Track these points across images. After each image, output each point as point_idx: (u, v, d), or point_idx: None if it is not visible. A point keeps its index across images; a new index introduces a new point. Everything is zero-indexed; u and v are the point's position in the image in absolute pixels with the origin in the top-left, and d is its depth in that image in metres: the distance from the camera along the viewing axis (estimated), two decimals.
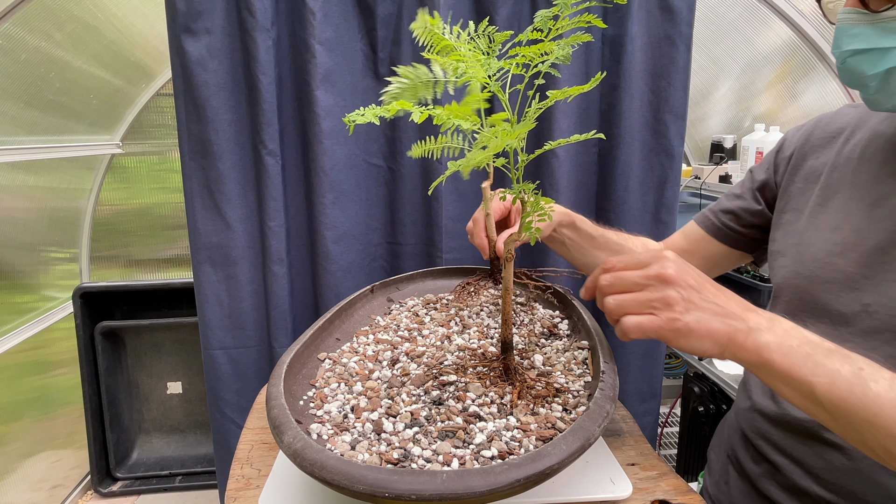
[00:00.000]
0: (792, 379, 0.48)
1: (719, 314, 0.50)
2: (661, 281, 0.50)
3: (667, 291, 0.49)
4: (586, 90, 0.64)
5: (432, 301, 1.04)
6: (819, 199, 0.68)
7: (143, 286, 2.05)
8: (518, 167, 0.68)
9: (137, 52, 2.04)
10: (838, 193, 0.66)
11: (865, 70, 0.56)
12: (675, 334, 0.49)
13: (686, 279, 0.50)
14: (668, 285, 0.50)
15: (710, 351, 0.50)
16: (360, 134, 1.28)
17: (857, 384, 0.46)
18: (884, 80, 0.56)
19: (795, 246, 0.69)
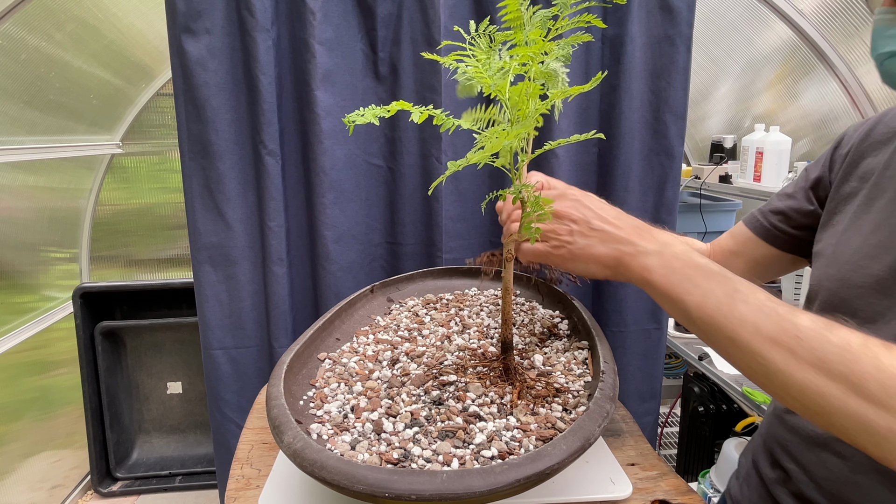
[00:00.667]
0: (669, 297, 0.53)
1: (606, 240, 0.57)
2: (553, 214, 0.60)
3: (555, 225, 0.59)
4: (586, 90, 0.64)
5: (432, 301, 1.04)
6: (865, 199, 0.65)
7: (143, 286, 2.05)
8: (518, 167, 0.68)
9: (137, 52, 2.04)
10: (885, 193, 0.62)
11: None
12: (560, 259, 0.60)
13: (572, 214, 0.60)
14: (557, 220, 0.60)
15: (598, 273, 0.59)
16: (360, 134, 1.28)
17: (725, 303, 0.49)
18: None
19: (833, 246, 0.67)
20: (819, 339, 0.44)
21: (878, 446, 0.43)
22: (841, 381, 0.43)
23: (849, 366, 0.43)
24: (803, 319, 0.46)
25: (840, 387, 0.43)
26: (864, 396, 0.42)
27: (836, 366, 0.43)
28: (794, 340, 0.45)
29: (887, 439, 0.41)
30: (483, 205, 0.80)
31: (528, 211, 0.67)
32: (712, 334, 0.50)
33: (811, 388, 0.44)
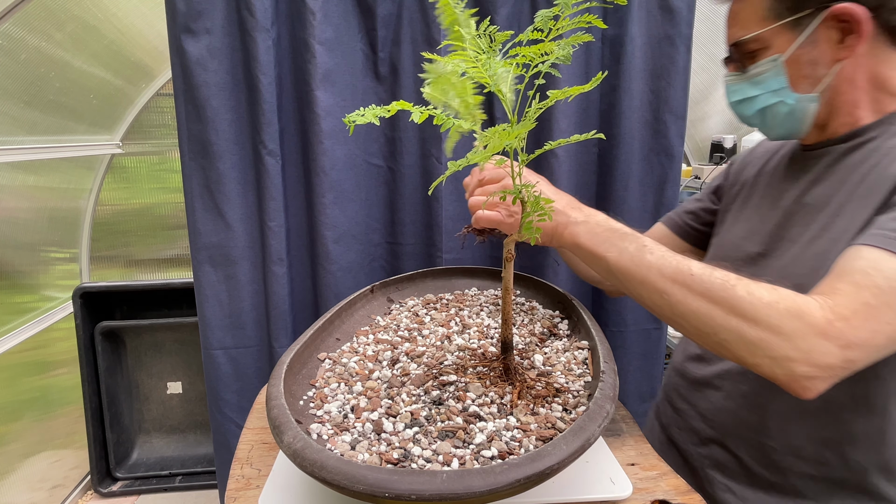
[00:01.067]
0: (593, 255, 0.69)
1: None
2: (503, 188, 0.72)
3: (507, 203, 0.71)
4: (586, 90, 0.64)
5: (432, 301, 1.04)
6: (743, 200, 0.87)
7: (143, 286, 2.04)
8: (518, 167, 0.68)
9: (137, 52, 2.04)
10: (755, 195, 0.85)
11: (746, 112, 0.77)
12: (509, 227, 0.74)
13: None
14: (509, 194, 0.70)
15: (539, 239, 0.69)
16: (360, 134, 1.28)
17: (636, 255, 0.65)
18: (761, 117, 0.76)
19: (721, 235, 0.88)
20: (706, 277, 0.60)
21: (751, 353, 0.58)
22: (723, 305, 0.58)
23: (728, 293, 0.58)
24: (694, 265, 0.62)
25: (723, 310, 0.58)
26: (740, 315, 0.57)
27: (719, 294, 0.59)
28: (689, 278, 0.61)
29: (758, 346, 0.57)
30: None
31: (527, 211, 0.67)
32: (628, 280, 0.66)
33: (702, 312, 0.60)
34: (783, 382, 0.58)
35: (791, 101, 0.72)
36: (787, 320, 0.56)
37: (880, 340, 0.55)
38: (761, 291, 0.58)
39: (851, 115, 0.72)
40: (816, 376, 0.56)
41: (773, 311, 0.56)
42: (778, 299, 0.57)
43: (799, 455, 0.72)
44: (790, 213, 0.76)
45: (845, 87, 0.70)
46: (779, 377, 0.58)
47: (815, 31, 0.68)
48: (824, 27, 0.68)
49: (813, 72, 0.70)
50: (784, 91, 0.71)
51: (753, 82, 0.73)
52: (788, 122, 0.74)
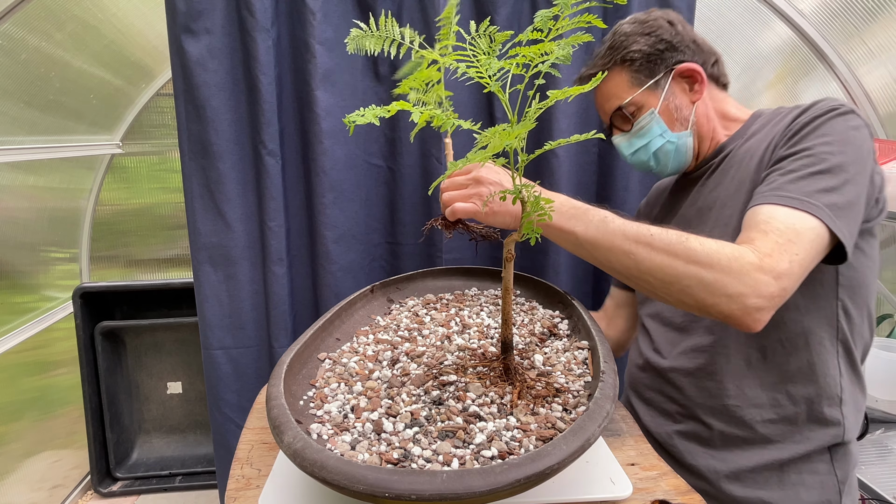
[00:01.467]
0: (562, 231, 0.76)
1: None
2: (475, 181, 0.79)
3: (479, 188, 0.78)
4: (586, 90, 0.64)
5: (432, 301, 1.04)
6: None
7: (143, 286, 2.04)
8: (518, 167, 0.68)
9: (137, 52, 2.03)
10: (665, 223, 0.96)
11: (643, 158, 0.94)
12: (484, 215, 0.79)
13: (491, 178, 0.79)
14: (480, 184, 0.79)
15: (510, 223, 0.79)
16: (360, 134, 1.28)
17: (601, 226, 0.74)
18: (655, 158, 0.94)
19: None
20: (664, 235, 0.71)
21: (711, 294, 0.68)
22: (682, 256, 0.69)
23: (684, 245, 0.69)
24: (651, 228, 0.72)
25: (682, 260, 0.69)
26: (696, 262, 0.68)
27: (677, 247, 0.69)
28: (650, 238, 0.71)
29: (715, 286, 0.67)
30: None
31: (527, 211, 0.67)
32: (596, 249, 0.74)
33: (665, 265, 0.70)
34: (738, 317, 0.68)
35: (674, 140, 0.92)
36: (734, 262, 0.67)
37: (797, 269, 0.68)
38: (709, 242, 0.70)
39: (713, 140, 0.95)
40: (764, 307, 0.67)
41: (721, 256, 0.68)
42: (723, 246, 0.69)
43: (756, 404, 0.85)
44: (687, 221, 0.94)
45: (703, 121, 0.93)
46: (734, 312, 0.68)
47: (670, 86, 0.91)
48: (675, 82, 0.91)
49: (681, 114, 0.91)
50: (667, 133, 0.91)
51: (640, 135, 0.92)
52: (677, 156, 0.93)
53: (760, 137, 0.87)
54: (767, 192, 0.74)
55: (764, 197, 0.74)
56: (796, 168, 0.74)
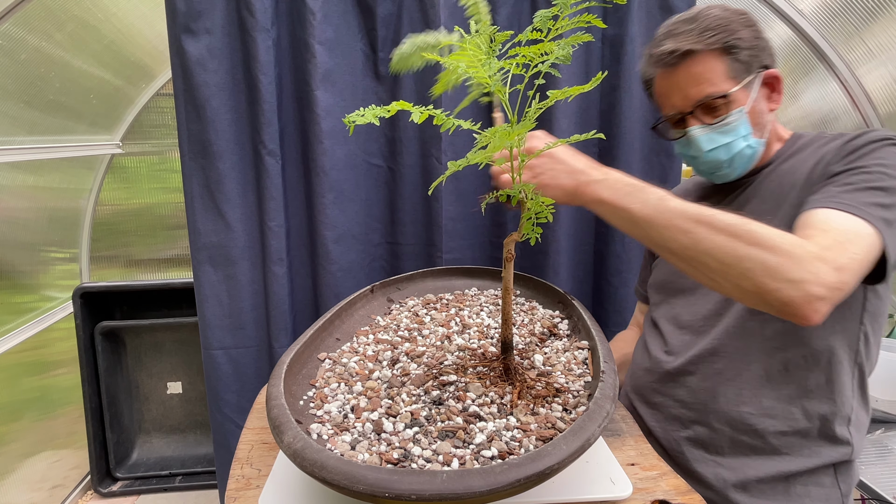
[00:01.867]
0: (617, 208, 0.73)
1: (567, 172, 0.77)
2: (526, 151, 0.75)
3: (533, 161, 0.77)
4: (587, 90, 0.64)
5: (432, 301, 1.04)
6: None
7: (143, 286, 2.04)
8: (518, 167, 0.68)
9: (137, 52, 2.03)
10: None
11: (721, 157, 0.87)
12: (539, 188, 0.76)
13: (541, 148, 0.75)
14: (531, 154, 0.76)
15: (562, 198, 0.76)
16: (360, 134, 1.28)
17: (658, 204, 0.70)
18: (731, 161, 0.87)
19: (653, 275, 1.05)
20: (725, 216, 0.68)
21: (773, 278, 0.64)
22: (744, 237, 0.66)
23: (747, 227, 0.67)
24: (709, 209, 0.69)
25: (745, 241, 0.66)
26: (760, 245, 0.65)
27: (739, 228, 0.67)
28: (710, 218, 0.68)
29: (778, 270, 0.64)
30: (483, 205, 0.80)
31: (528, 210, 0.67)
32: (651, 227, 0.71)
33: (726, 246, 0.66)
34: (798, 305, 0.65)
35: (755, 145, 0.87)
36: (797, 247, 0.65)
37: (855, 266, 0.66)
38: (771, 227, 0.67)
39: (767, 152, 0.90)
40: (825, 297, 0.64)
41: (785, 240, 0.65)
42: (785, 232, 0.67)
43: (770, 415, 0.84)
44: None
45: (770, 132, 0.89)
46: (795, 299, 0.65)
47: (759, 88, 0.85)
48: (762, 85, 0.86)
49: (762, 120, 0.86)
50: (749, 136, 0.86)
51: (724, 131, 0.85)
52: (748, 162, 0.88)
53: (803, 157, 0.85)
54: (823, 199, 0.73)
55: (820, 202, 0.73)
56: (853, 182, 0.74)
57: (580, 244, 1.36)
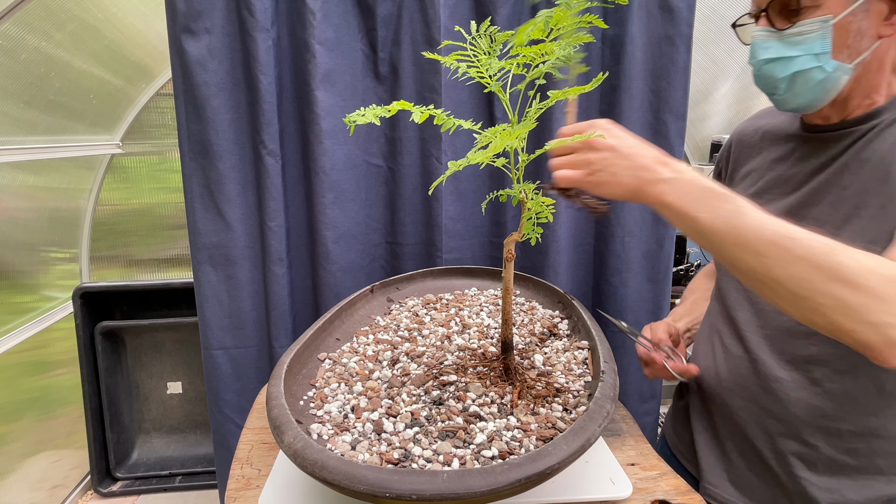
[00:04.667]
0: (683, 215, 0.64)
1: (630, 168, 0.66)
2: (587, 146, 0.67)
3: (588, 155, 0.66)
4: (587, 90, 0.64)
5: (432, 301, 1.04)
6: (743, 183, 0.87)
7: (143, 286, 2.04)
8: (518, 167, 0.68)
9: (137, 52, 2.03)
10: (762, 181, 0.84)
11: (777, 74, 0.73)
12: (590, 185, 0.67)
13: (606, 143, 0.66)
14: (591, 150, 0.66)
15: (622, 195, 0.67)
16: (360, 134, 1.28)
17: (732, 217, 0.61)
18: (791, 81, 0.72)
19: None
20: (808, 241, 0.59)
21: (850, 319, 0.57)
22: (825, 269, 0.57)
23: (831, 258, 0.58)
24: (793, 228, 0.60)
25: (824, 274, 0.58)
26: (842, 281, 0.57)
27: (822, 258, 0.58)
28: (790, 241, 0.59)
29: (859, 311, 0.56)
30: (483, 205, 0.80)
31: (528, 210, 0.67)
32: (721, 243, 0.62)
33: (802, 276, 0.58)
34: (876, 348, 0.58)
35: (829, 69, 0.70)
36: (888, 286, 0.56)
37: None
38: (864, 257, 0.58)
39: (870, 97, 0.72)
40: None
41: (876, 277, 0.57)
42: (880, 265, 0.58)
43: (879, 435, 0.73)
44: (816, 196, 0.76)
45: (875, 67, 0.70)
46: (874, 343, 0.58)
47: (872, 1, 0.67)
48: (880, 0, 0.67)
49: (857, 42, 0.69)
50: (825, 56, 0.69)
51: (792, 42, 0.70)
52: (817, 90, 0.72)
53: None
54: None
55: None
56: None
57: (580, 244, 1.36)
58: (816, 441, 0.76)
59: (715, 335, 0.89)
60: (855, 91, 0.72)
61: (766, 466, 0.81)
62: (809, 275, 0.58)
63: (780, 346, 0.79)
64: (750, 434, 0.83)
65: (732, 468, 0.85)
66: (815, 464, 0.77)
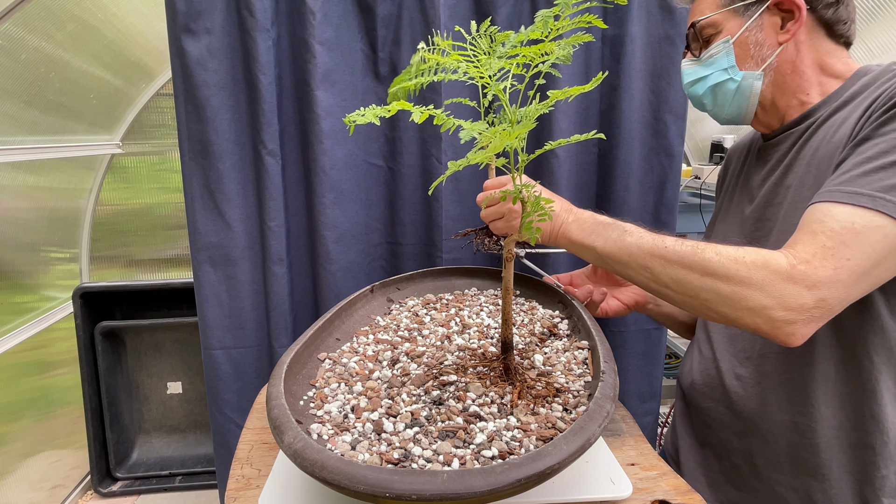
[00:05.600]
0: (584, 246, 0.76)
1: None
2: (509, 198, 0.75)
3: (508, 204, 0.77)
4: (587, 90, 0.64)
5: (432, 301, 1.04)
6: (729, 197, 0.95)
7: (143, 286, 2.04)
8: (518, 167, 0.68)
9: (137, 52, 2.04)
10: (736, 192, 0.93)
11: (699, 91, 0.84)
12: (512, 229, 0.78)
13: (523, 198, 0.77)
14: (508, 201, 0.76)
15: (541, 239, 0.77)
16: (360, 134, 1.28)
17: (619, 240, 0.72)
18: (712, 95, 0.83)
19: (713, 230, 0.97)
20: (678, 246, 0.68)
21: (732, 308, 0.63)
22: (696, 268, 0.65)
23: (698, 256, 0.65)
24: (667, 239, 0.69)
25: (697, 272, 0.65)
26: (712, 274, 0.64)
27: (691, 259, 0.66)
28: (664, 250, 0.68)
29: (735, 300, 0.62)
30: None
31: (528, 211, 0.67)
32: (615, 262, 0.73)
33: (680, 278, 0.66)
34: (767, 332, 0.62)
35: (738, 78, 0.80)
36: (754, 271, 0.61)
37: (844, 276, 0.60)
38: (727, 251, 0.64)
39: (798, 98, 0.80)
40: (795, 320, 0.60)
41: (740, 266, 0.62)
42: (743, 255, 0.63)
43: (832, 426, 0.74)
44: (769, 198, 0.82)
45: (787, 70, 0.79)
46: (761, 327, 0.62)
47: (760, 16, 0.78)
48: (768, 13, 0.77)
49: (758, 52, 0.79)
50: (733, 69, 0.80)
51: (706, 64, 0.82)
52: (738, 98, 0.81)
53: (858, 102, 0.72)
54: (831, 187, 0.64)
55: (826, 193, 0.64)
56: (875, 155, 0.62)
57: None
58: (777, 438, 0.78)
59: (695, 342, 0.94)
60: (778, 94, 0.81)
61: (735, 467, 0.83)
62: (686, 275, 0.66)
63: (740, 345, 0.83)
64: (722, 436, 0.85)
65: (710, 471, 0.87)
66: (779, 462, 0.78)
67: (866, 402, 0.71)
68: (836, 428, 0.73)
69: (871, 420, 0.71)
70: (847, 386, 0.73)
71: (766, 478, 0.79)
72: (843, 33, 0.78)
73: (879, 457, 0.71)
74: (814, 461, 0.75)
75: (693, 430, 0.92)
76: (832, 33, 0.78)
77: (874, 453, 0.72)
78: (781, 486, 0.78)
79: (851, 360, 0.72)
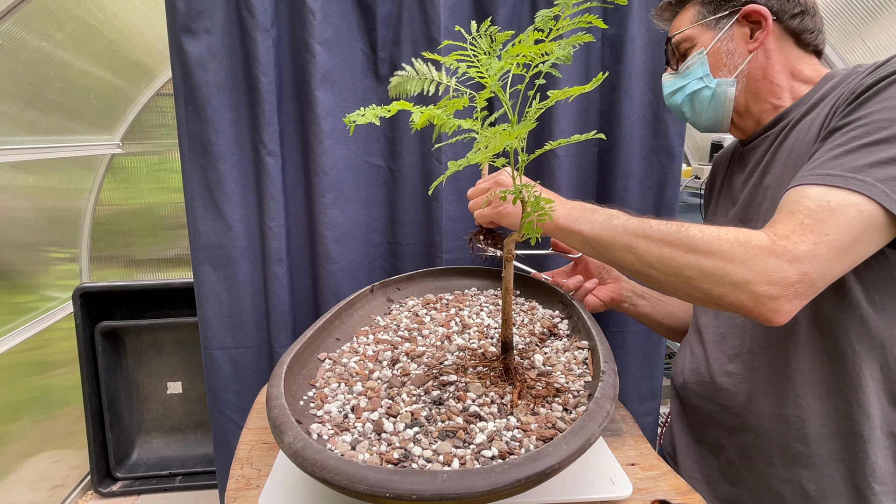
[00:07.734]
0: (571, 231, 0.77)
1: None
2: (494, 184, 0.85)
3: (495, 191, 0.81)
4: (587, 90, 0.64)
5: (432, 301, 1.04)
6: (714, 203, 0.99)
7: (143, 286, 2.04)
8: (518, 167, 0.69)
9: (137, 52, 2.04)
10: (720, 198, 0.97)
11: (678, 100, 0.89)
12: (499, 217, 0.84)
13: (508, 183, 0.83)
14: (498, 187, 0.83)
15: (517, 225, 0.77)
16: (360, 134, 1.28)
17: (605, 223, 0.74)
18: (690, 103, 0.88)
19: None
20: (663, 225, 0.69)
21: (715, 284, 0.64)
22: (680, 245, 0.66)
23: (682, 234, 0.66)
24: (652, 221, 0.71)
25: (681, 249, 0.66)
26: (695, 251, 0.65)
27: (674, 236, 0.67)
28: (648, 230, 0.70)
29: (718, 275, 0.63)
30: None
31: (528, 211, 0.67)
32: (601, 246, 0.74)
33: (664, 255, 0.67)
34: (751, 308, 0.63)
35: (713, 85, 0.85)
36: (736, 247, 0.63)
37: (824, 250, 0.61)
38: (710, 229, 0.66)
39: (770, 102, 0.84)
40: (779, 295, 0.61)
41: (722, 241, 0.64)
42: (726, 232, 0.65)
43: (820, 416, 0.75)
44: (749, 200, 0.85)
45: (758, 76, 0.83)
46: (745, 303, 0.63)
47: (731, 27, 0.83)
48: (738, 25, 0.83)
49: (730, 60, 0.84)
50: (707, 77, 0.85)
51: (684, 75, 0.87)
52: (714, 105, 0.86)
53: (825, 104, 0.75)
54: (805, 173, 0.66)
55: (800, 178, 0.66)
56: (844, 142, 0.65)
57: None
58: (767, 431, 0.79)
59: (687, 342, 0.96)
60: (751, 100, 0.85)
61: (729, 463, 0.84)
62: (670, 252, 0.67)
63: (731, 343, 0.84)
64: (715, 433, 0.86)
65: (707, 468, 0.88)
66: (771, 455, 0.79)
67: (852, 391, 0.73)
68: (824, 417, 0.75)
69: (858, 408, 0.73)
70: (832, 376, 0.74)
71: (759, 472, 0.80)
72: (811, 42, 0.83)
73: (868, 444, 0.72)
74: (804, 452, 0.76)
75: (688, 428, 0.93)
76: (800, 42, 0.83)
77: (862, 440, 0.73)
78: (775, 479, 0.79)
79: (834, 350, 0.73)
